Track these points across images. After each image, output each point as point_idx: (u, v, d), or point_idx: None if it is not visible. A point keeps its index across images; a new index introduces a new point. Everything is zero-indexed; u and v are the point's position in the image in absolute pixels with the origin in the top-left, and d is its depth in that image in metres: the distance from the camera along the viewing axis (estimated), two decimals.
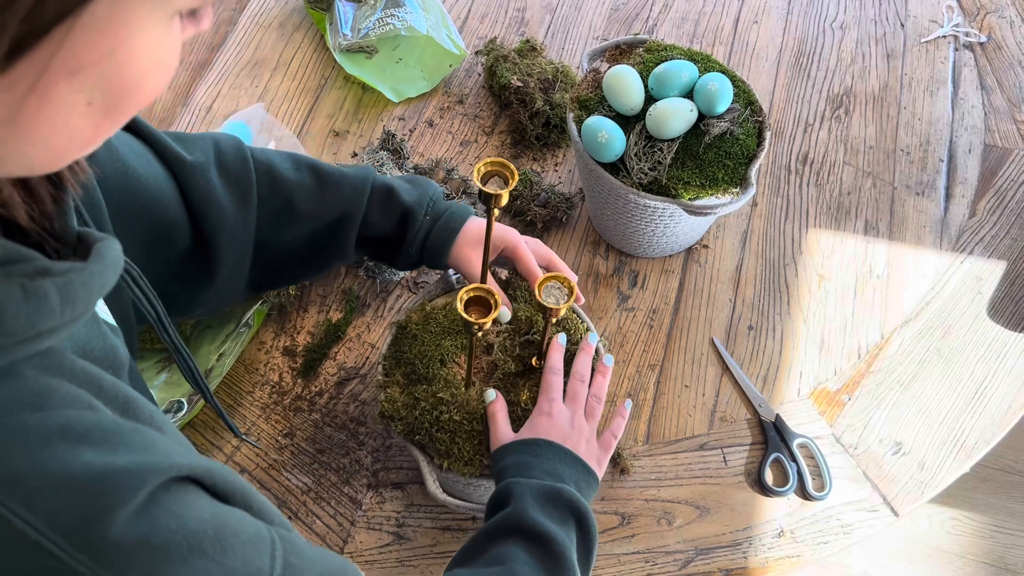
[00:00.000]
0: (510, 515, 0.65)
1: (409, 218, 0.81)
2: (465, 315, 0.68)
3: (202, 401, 0.97)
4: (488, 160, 0.69)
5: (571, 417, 0.75)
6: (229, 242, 0.73)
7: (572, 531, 0.66)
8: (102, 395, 0.43)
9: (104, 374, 0.44)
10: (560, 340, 0.79)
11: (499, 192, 0.66)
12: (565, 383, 0.78)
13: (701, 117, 0.96)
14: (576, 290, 0.72)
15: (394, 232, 0.82)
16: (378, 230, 0.81)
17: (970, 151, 1.21)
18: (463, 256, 0.82)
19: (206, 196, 0.71)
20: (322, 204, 0.78)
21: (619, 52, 1.08)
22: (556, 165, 1.19)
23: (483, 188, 0.66)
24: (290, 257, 0.80)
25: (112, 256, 0.44)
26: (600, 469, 0.75)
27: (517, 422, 0.79)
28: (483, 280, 0.84)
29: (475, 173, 0.68)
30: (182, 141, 0.73)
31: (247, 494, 0.45)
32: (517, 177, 0.68)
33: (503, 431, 0.75)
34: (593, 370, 0.80)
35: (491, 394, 0.77)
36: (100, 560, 0.37)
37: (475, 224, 0.83)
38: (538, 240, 0.88)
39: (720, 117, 0.96)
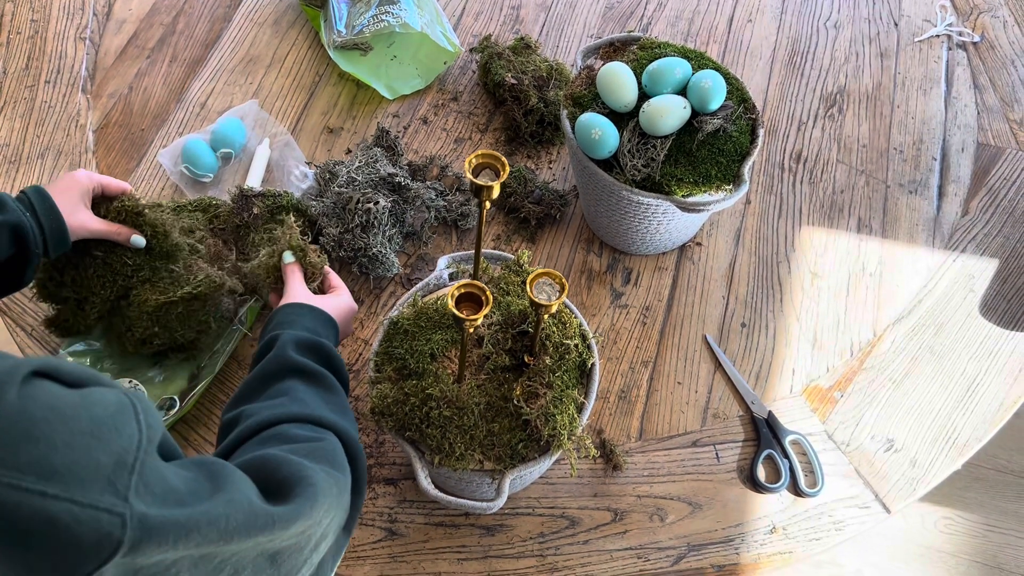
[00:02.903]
0: (280, 358, 0.74)
1: (19, 226, 0.83)
2: (456, 311, 0.68)
3: (195, 398, 0.97)
4: (479, 152, 0.69)
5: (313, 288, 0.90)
6: None
7: (330, 374, 0.77)
8: None
9: None
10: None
11: (490, 184, 0.66)
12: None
13: (695, 114, 0.96)
14: (566, 286, 0.72)
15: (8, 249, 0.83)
16: None
17: (963, 150, 1.21)
18: (77, 226, 0.88)
19: None
20: None
21: (613, 49, 1.08)
22: (550, 162, 1.19)
23: (474, 180, 0.66)
24: None
25: None
26: (338, 315, 0.87)
27: (509, 418, 0.79)
28: (475, 275, 0.84)
29: (466, 165, 0.67)
30: None
31: (95, 374, 0.48)
32: (508, 169, 0.68)
33: (295, 288, 0.87)
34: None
35: (288, 256, 0.89)
36: None
37: (60, 199, 0.87)
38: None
39: (713, 114, 0.96)
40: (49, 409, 0.42)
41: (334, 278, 0.92)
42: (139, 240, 0.93)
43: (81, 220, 0.89)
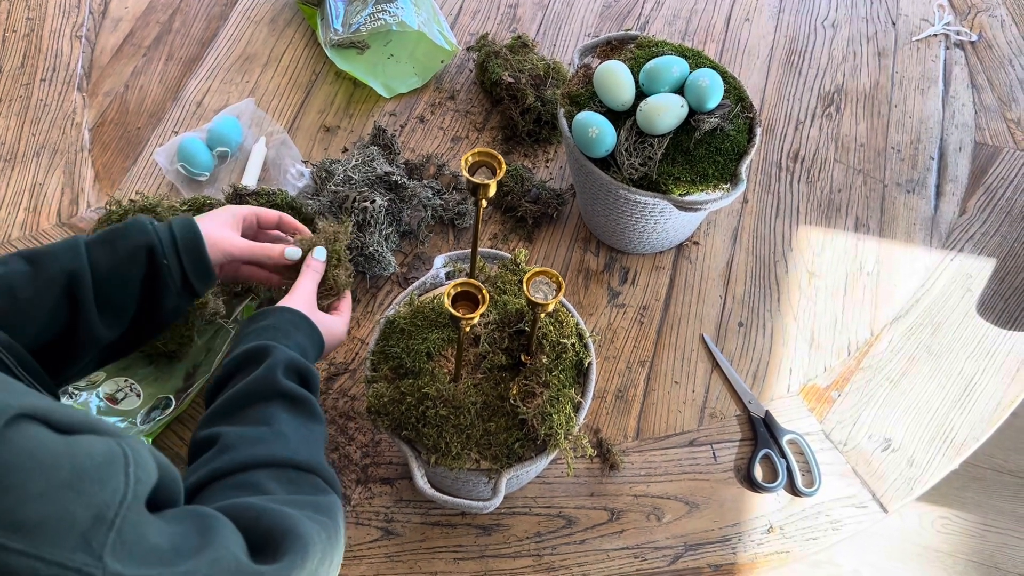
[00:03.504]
0: (268, 379, 0.70)
1: (140, 235, 0.75)
2: (453, 310, 0.67)
3: (190, 397, 0.96)
4: (476, 151, 0.68)
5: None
6: None
7: (313, 398, 0.74)
8: None
9: None
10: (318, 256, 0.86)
11: (487, 182, 0.66)
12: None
13: (692, 113, 0.96)
14: (564, 285, 0.72)
15: (134, 264, 0.75)
16: (118, 276, 0.75)
17: (960, 149, 1.21)
18: (219, 238, 0.80)
19: None
20: (43, 279, 0.72)
21: (610, 48, 1.07)
22: (547, 161, 1.19)
23: (470, 178, 0.66)
24: (43, 356, 0.74)
25: None
26: (329, 341, 0.83)
27: (505, 417, 0.78)
28: (472, 274, 0.83)
29: (463, 163, 0.67)
30: None
31: (91, 420, 0.46)
32: (505, 167, 0.68)
33: (303, 292, 0.82)
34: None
35: (320, 253, 0.84)
36: None
37: (203, 218, 0.82)
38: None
39: (711, 113, 0.96)
40: (28, 456, 0.40)
41: (346, 302, 0.88)
42: (294, 252, 0.85)
43: (227, 237, 0.81)
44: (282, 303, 0.80)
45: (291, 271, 0.85)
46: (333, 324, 0.83)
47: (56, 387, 0.75)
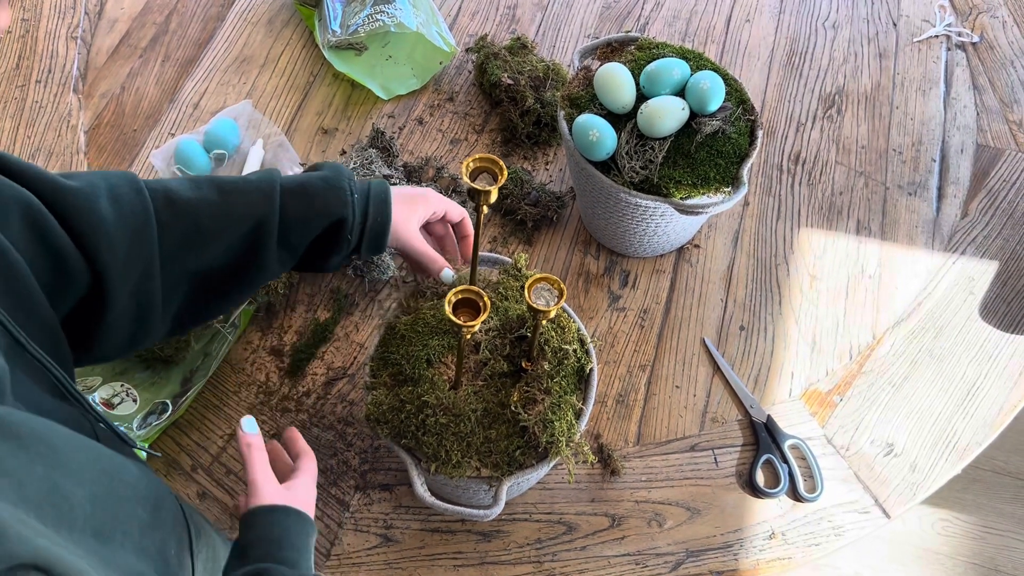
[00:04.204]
0: None
1: (334, 197, 0.76)
2: (453, 317, 0.67)
3: (187, 402, 0.96)
4: (477, 156, 0.68)
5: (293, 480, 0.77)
6: (120, 272, 0.67)
7: None
8: None
9: None
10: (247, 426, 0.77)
11: (488, 188, 0.65)
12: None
13: (693, 116, 0.95)
14: (565, 291, 0.71)
15: (320, 221, 0.77)
16: (301, 226, 0.76)
17: (962, 151, 1.20)
18: (404, 231, 0.81)
19: (91, 225, 0.65)
20: (231, 216, 0.73)
21: (610, 50, 1.07)
22: (547, 164, 1.18)
23: (471, 184, 0.65)
24: (212, 282, 0.75)
25: None
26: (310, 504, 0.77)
27: (506, 424, 0.78)
28: (472, 280, 0.83)
29: (463, 169, 0.66)
30: (67, 176, 0.68)
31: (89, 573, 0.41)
32: (506, 173, 0.67)
33: (260, 480, 0.72)
34: None
35: (250, 424, 0.75)
36: None
37: (396, 191, 0.82)
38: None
39: (712, 116, 0.95)
40: None
41: (306, 455, 0.80)
42: (449, 275, 0.84)
43: (410, 232, 0.82)
44: (254, 500, 0.72)
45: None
46: (306, 487, 0.76)
47: (176, 331, 0.76)
